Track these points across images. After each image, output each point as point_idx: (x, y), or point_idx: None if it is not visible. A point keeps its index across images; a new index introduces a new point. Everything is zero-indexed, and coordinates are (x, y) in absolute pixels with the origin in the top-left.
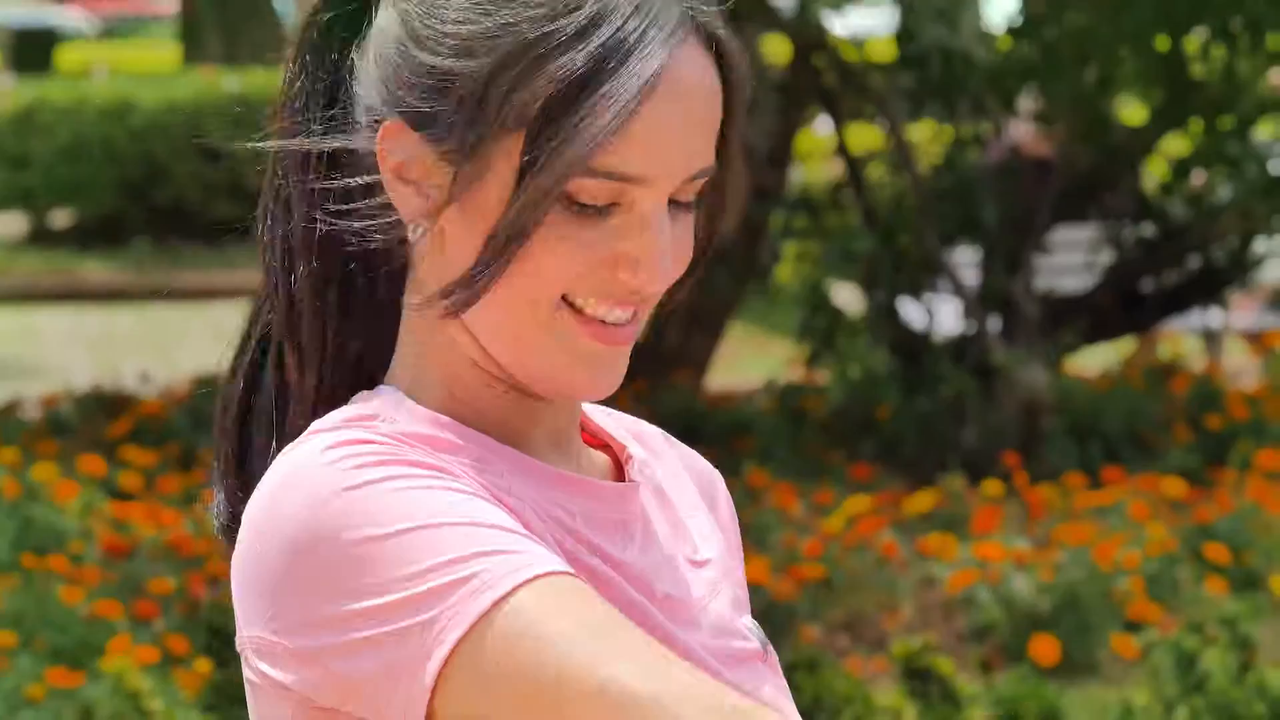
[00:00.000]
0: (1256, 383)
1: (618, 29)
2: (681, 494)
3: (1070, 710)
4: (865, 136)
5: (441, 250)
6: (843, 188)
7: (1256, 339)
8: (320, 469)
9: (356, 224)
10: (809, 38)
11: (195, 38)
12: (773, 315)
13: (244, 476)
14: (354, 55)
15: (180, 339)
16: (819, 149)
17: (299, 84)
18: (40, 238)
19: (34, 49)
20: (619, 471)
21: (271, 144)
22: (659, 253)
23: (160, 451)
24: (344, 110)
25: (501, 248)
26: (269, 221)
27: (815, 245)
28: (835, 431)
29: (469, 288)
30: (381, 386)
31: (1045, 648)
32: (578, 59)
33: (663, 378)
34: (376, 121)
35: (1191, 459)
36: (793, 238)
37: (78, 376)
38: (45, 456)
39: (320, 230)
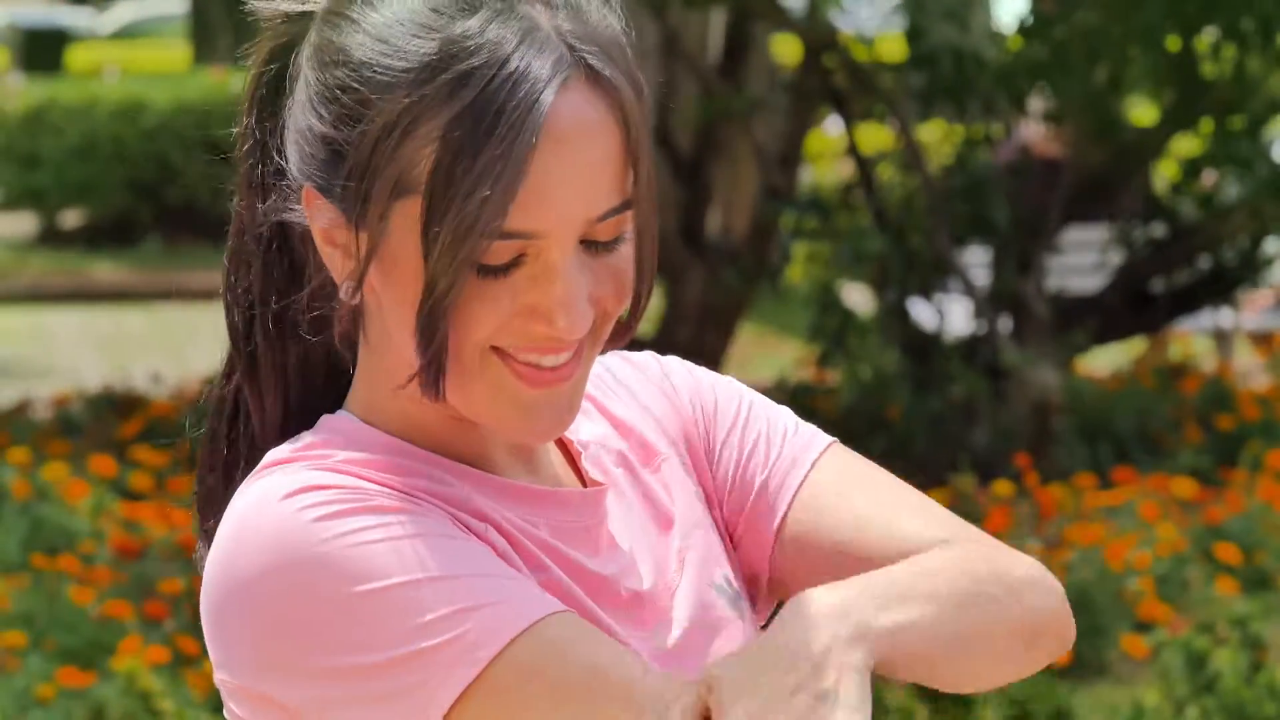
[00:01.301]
0: (1267, 383)
1: (488, 82)
2: (647, 441)
3: (1081, 710)
4: (876, 137)
5: (379, 309)
6: (853, 188)
7: (1264, 340)
8: (282, 517)
9: (300, 293)
10: (819, 38)
11: (206, 38)
12: (783, 315)
13: None
14: (286, 115)
15: (191, 339)
16: (829, 149)
17: (250, 142)
18: (50, 238)
19: (45, 49)
20: (575, 459)
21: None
22: (570, 301)
23: (171, 452)
24: (281, 173)
25: (431, 331)
26: (232, 279)
27: (826, 245)
28: (846, 431)
29: (426, 375)
30: (340, 412)
31: None
32: (450, 120)
33: None
34: (298, 186)
35: (1202, 459)
36: (803, 238)
37: (88, 377)
38: (56, 457)
39: (274, 287)
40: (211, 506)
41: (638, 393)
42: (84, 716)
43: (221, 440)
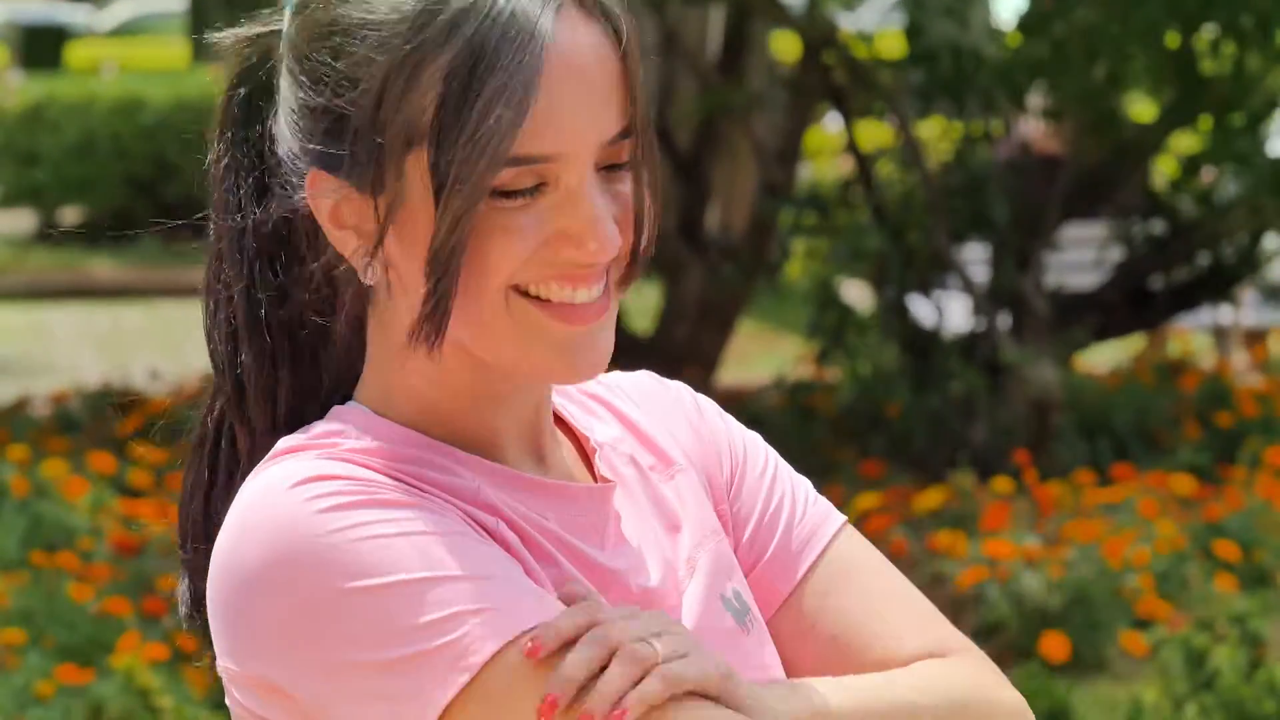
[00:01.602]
0: (1265, 380)
1: (484, 16)
2: (663, 450)
3: (1080, 707)
4: (875, 133)
5: (398, 280)
6: (852, 184)
7: (1257, 338)
8: (289, 506)
9: (296, 295)
10: (819, 34)
11: (204, 35)
12: (782, 312)
13: (210, 554)
14: (271, 125)
15: (190, 336)
16: (828, 146)
17: (225, 161)
18: (49, 234)
19: (44, 46)
20: (588, 457)
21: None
22: (597, 222)
23: (170, 448)
24: (270, 179)
25: (444, 266)
26: (212, 305)
27: (825, 242)
28: (845, 428)
29: (432, 318)
30: (351, 402)
31: (1055, 645)
32: (452, 59)
33: (672, 374)
34: (300, 177)
35: (1201, 456)
36: (802, 234)
37: (87, 373)
38: (55, 453)
39: (262, 308)
40: (192, 537)
41: (660, 408)
42: (83, 714)
43: (203, 469)
